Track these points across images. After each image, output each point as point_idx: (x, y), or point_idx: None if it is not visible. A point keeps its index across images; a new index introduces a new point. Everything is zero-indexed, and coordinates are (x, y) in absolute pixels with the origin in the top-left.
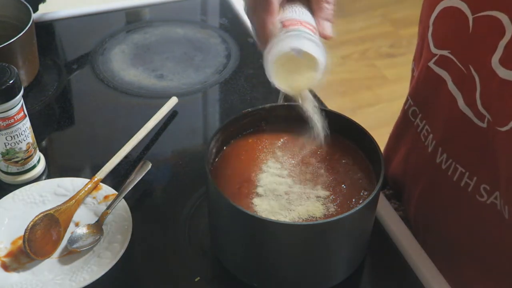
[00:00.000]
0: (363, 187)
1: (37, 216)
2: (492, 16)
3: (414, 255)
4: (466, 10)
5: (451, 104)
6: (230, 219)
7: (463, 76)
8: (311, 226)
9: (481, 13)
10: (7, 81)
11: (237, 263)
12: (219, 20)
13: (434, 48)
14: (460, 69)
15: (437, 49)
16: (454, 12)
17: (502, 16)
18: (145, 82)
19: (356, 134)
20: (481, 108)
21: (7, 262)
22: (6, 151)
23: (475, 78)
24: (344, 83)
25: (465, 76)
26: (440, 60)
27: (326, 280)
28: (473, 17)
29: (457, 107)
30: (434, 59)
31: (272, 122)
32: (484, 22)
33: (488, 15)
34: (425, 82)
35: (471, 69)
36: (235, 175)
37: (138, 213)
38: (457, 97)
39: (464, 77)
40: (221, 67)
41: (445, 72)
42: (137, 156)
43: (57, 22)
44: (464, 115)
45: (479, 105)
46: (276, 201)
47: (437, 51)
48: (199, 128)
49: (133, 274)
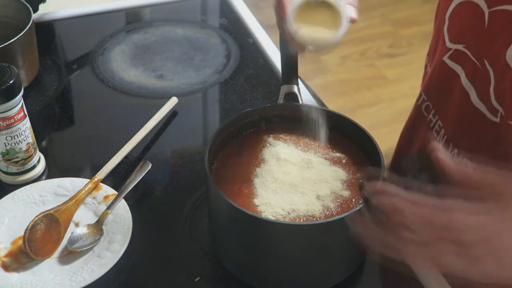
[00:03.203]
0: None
1: (37, 216)
2: (508, 10)
3: None
4: (482, 4)
5: (464, 99)
6: (230, 219)
7: (476, 71)
8: (311, 226)
9: (497, 7)
10: (7, 81)
11: (237, 263)
12: (219, 20)
13: (450, 42)
14: (474, 63)
15: (452, 43)
16: (470, 6)
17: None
18: (145, 82)
19: (356, 134)
20: (494, 103)
21: (7, 262)
22: (6, 151)
23: (489, 72)
24: (344, 83)
25: (479, 71)
26: (455, 55)
27: (326, 280)
28: (489, 11)
29: (470, 102)
30: (449, 54)
31: (272, 122)
32: (500, 16)
33: (504, 10)
34: (439, 77)
35: (486, 63)
36: (235, 175)
37: (138, 213)
38: (470, 92)
39: (477, 71)
40: (221, 67)
41: (459, 66)
42: (137, 156)
43: (57, 22)
44: (477, 110)
45: (493, 100)
46: (276, 201)
47: (452, 46)
48: (199, 128)
49: (133, 274)
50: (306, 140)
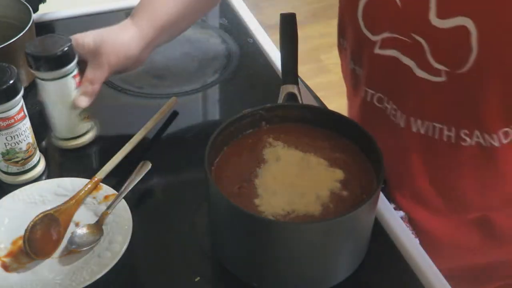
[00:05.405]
0: (363, 187)
1: (37, 216)
2: None
3: (414, 255)
4: None
5: (409, 74)
6: (230, 219)
7: (410, 46)
8: (311, 226)
9: None
10: (7, 81)
11: (237, 263)
12: (219, 20)
13: (373, 35)
14: (404, 41)
15: (376, 35)
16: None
17: None
18: (145, 82)
19: (356, 134)
20: (436, 64)
21: (7, 262)
22: (6, 151)
23: (421, 42)
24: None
25: (412, 45)
26: (384, 43)
27: (326, 280)
28: None
29: (415, 75)
30: (378, 45)
31: (272, 122)
32: None
33: None
34: (380, 68)
35: (414, 36)
36: (235, 175)
37: (138, 213)
38: (412, 66)
39: (411, 46)
40: (221, 67)
41: (393, 50)
42: (137, 156)
43: (57, 22)
44: (422, 79)
45: (434, 63)
46: (276, 201)
47: (377, 37)
48: (199, 128)
49: (133, 274)
50: (306, 140)
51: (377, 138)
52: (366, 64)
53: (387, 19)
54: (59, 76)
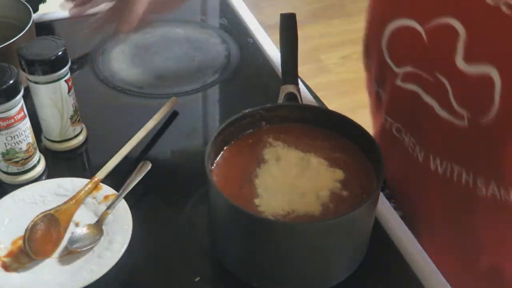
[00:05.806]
0: (363, 187)
1: (37, 216)
2: (442, 22)
3: (414, 255)
4: (415, 25)
5: (430, 113)
6: (230, 219)
7: (432, 85)
8: (311, 226)
9: (430, 24)
10: (7, 81)
11: (237, 263)
12: (219, 20)
13: (396, 68)
14: (427, 79)
15: (399, 68)
16: (404, 31)
17: (450, 20)
18: (145, 82)
19: (356, 134)
20: (458, 108)
21: (7, 262)
22: (6, 151)
23: (444, 83)
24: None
25: (434, 84)
26: (406, 76)
27: (326, 280)
28: (425, 29)
29: (436, 114)
30: (400, 77)
31: (272, 122)
32: (436, 30)
33: (437, 23)
34: (399, 100)
35: (438, 76)
36: (235, 175)
37: (138, 213)
38: (434, 105)
39: (433, 85)
40: (221, 67)
41: (414, 85)
42: (137, 156)
43: (57, 22)
44: (444, 120)
45: (456, 106)
46: (276, 201)
47: (400, 70)
48: (199, 128)
49: (133, 274)
50: (306, 140)
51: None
52: (388, 92)
53: (412, 53)
54: (52, 80)
